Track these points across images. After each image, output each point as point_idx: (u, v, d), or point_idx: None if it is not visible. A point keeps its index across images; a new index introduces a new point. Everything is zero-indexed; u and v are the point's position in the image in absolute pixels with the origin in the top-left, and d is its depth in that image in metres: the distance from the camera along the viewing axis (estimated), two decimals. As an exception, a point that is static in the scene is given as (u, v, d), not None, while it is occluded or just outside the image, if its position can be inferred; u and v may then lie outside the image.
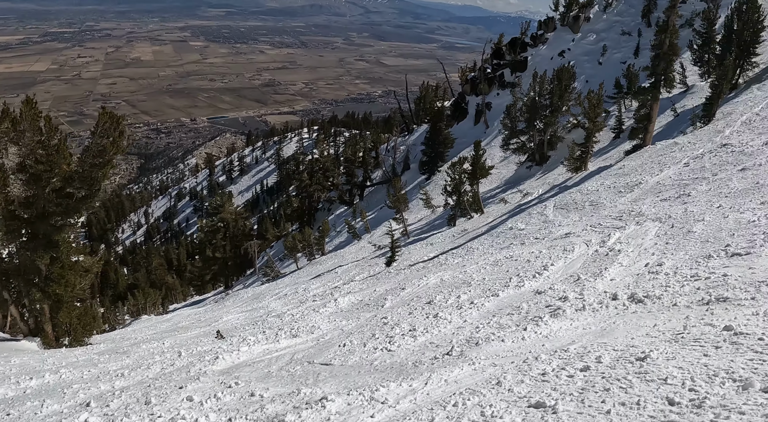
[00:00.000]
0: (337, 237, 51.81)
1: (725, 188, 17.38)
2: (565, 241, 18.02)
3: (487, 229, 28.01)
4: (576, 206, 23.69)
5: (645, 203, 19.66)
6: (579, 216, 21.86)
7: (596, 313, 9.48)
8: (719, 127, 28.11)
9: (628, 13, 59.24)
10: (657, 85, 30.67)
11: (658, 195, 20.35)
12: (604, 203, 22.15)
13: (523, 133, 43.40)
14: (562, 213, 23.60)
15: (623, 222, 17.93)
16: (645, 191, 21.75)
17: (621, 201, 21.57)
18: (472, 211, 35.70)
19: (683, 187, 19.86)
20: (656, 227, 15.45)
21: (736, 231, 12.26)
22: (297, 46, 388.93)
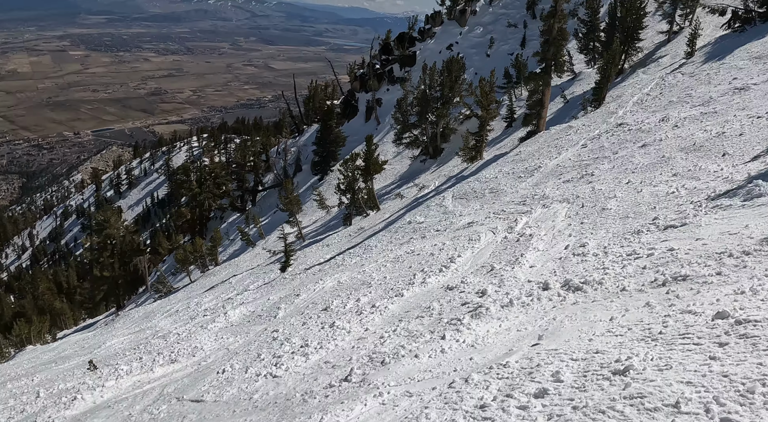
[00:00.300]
0: (231, 245, 49.32)
1: (629, 164, 16.46)
2: (469, 231, 16.58)
3: (385, 226, 26.43)
4: (476, 195, 22.42)
5: (548, 186, 18.59)
6: (480, 205, 20.57)
7: (528, 308, 7.95)
8: (611, 109, 27.72)
9: (514, 6, 59.54)
10: (548, 69, 30.04)
11: (559, 177, 19.33)
12: (505, 189, 20.97)
13: (415, 126, 42.21)
14: (461, 203, 22.28)
15: (528, 206, 16.72)
16: (545, 174, 20.72)
17: (522, 186, 20.45)
18: (367, 209, 34.16)
19: (585, 168, 18.92)
20: (565, 208, 14.23)
21: (656, 204, 11.14)
22: (183, 53, 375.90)
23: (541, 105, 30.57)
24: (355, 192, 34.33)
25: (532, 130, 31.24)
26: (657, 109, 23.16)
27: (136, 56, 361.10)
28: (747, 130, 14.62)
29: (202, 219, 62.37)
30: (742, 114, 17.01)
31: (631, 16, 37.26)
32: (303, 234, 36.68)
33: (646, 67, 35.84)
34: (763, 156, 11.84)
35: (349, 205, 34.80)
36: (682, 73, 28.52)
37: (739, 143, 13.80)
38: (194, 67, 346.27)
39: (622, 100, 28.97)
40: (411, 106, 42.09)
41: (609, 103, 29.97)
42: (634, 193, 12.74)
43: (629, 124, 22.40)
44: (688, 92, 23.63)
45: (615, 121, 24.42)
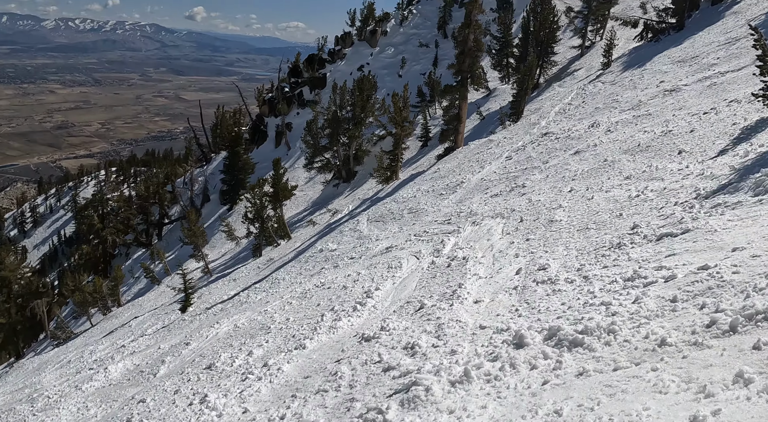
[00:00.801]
0: (136, 283, 45.27)
1: (566, 172, 14.32)
2: (388, 257, 14.03)
3: (295, 255, 23.68)
4: (393, 216, 19.95)
5: (474, 202, 16.29)
6: (399, 227, 18.09)
7: (499, 388, 4.85)
8: (533, 120, 25.98)
9: (425, 26, 58.30)
10: (464, 82, 28.08)
11: (486, 191, 17.09)
12: (426, 208, 18.56)
13: (326, 149, 39.62)
14: (378, 226, 19.77)
15: (454, 225, 14.32)
16: (470, 190, 18.47)
17: (444, 203, 18.09)
18: (278, 238, 31.27)
19: (514, 180, 16.74)
20: (500, 224, 11.87)
21: (621, 210, 8.88)
22: (90, 84, 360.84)
23: (458, 120, 28.54)
24: (264, 220, 31.49)
25: (450, 147, 29.17)
26: (583, 117, 21.41)
27: (41, 88, 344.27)
28: (698, 126, 12.73)
29: (105, 256, 57.82)
30: (682, 113, 15.27)
31: (544, 30, 36.11)
32: (210, 268, 33.27)
33: (562, 81, 34.75)
34: (731, 149, 9.79)
35: (258, 235, 31.83)
36: (603, 82, 27.24)
37: (693, 139, 11.84)
38: (102, 99, 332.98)
39: (543, 112, 27.32)
40: (321, 129, 39.50)
41: (528, 116, 28.32)
42: (585, 201, 10.50)
43: (555, 133, 20.50)
44: (614, 98, 22.00)
45: (539, 131, 22.55)
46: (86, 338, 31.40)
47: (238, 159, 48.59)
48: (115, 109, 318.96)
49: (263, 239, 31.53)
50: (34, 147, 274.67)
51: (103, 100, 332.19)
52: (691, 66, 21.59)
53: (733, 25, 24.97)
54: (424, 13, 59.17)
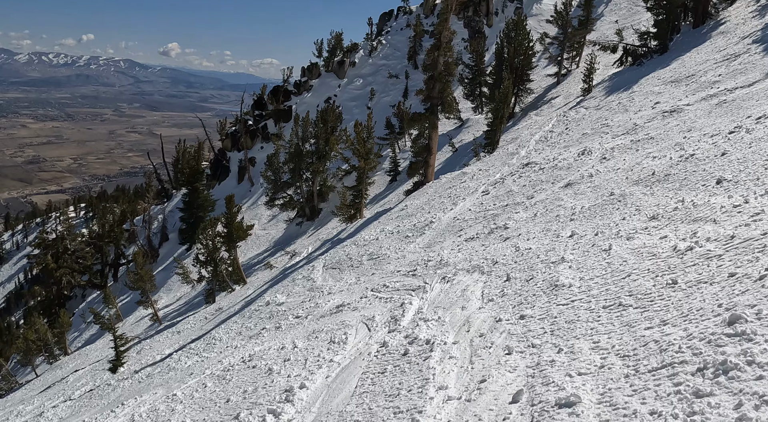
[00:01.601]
0: (88, 329, 41.51)
1: (559, 210, 11.20)
2: (336, 321, 10.76)
3: (243, 306, 20.44)
4: (351, 263, 16.69)
5: (445, 247, 13.13)
6: (356, 277, 14.85)
7: None
8: (510, 150, 23.04)
9: (394, 57, 55.78)
10: (434, 109, 25.09)
11: (459, 234, 13.95)
12: (388, 254, 15.33)
13: (289, 185, 36.31)
14: (333, 275, 16.51)
15: (420, 278, 11.11)
16: (440, 231, 15.28)
17: (410, 248, 14.88)
18: (233, 283, 27.89)
19: (493, 219, 13.58)
20: (479, 283, 8.67)
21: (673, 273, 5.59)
22: (63, 119, 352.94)
23: (428, 151, 25.48)
24: (217, 263, 28.10)
25: (419, 181, 26.09)
26: (569, 144, 18.45)
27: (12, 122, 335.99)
28: (730, 148, 9.68)
29: (59, 298, 53.96)
30: (695, 134, 12.31)
31: (519, 56, 33.50)
32: (161, 315, 30.23)
33: (539, 109, 32.17)
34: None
35: (210, 280, 28.46)
36: (585, 108, 24.50)
37: (732, 164, 8.78)
38: (75, 134, 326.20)
39: (521, 141, 24.44)
40: (283, 163, 36.27)
41: (505, 146, 25.45)
42: (599, 254, 7.29)
43: (538, 163, 17.48)
44: (603, 122, 19.10)
45: (519, 161, 19.56)
46: (27, 391, 29.15)
47: (197, 196, 45.14)
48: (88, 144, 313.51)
49: (216, 283, 28.19)
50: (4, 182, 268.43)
51: (76, 135, 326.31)
52: (689, 85, 18.90)
53: (724, 43, 22.61)
54: (394, 44, 56.71)
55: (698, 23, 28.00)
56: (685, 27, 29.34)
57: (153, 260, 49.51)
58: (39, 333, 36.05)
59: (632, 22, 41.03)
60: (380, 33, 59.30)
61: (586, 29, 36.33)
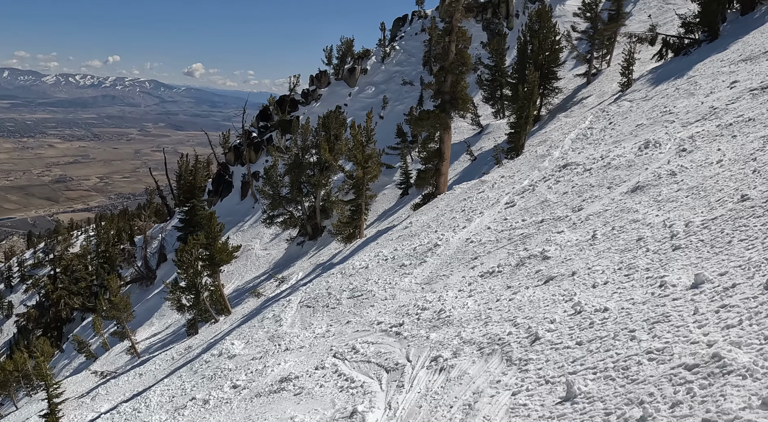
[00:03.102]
0: (78, 357, 37.69)
1: (641, 229, 6.68)
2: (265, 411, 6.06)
3: (202, 351, 16.25)
4: (328, 301, 12.16)
5: (450, 286, 8.73)
6: (327, 324, 10.46)
7: None
8: (540, 152, 18.46)
9: (408, 63, 51.39)
10: (445, 107, 20.54)
11: (472, 265, 9.50)
12: (374, 292, 10.81)
13: (288, 201, 31.75)
14: (304, 318, 12.10)
15: (404, 343, 6.68)
16: (446, 260, 10.75)
17: (404, 284, 10.35)
18: (216, 312, 23.68)
19: (523, 242, 9.03)
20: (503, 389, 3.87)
21: None
22: (89, 139, 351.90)
23: (439, 157, 20.91)
24: (199, 290, 23.78)
25: (429, 193, 21.54)
26: (620, 138, 13.77)
27: (40, 142, 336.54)
28: None
29: (57, 321, 50.31)
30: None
31: (544, 53, 28.87)
32: (143, 347, 26.92)
33: (569, 111, 27.61)
34: None
35: (191, 308, 24.22)
36: (630, 100, 19.94)
37: None
38: (101, 154, 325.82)
39: (552, 142, 19.83)
40: (281, 176, 31.78)
41: (532, 149, 20.80)
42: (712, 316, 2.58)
43: (581, 163, 12.83)
44: (662, 110, 14.43)
45: (553, 163, 14.91)
46: (3, 425, 26.69)
47: (195, 213, 40.80)
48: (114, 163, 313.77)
49: (197, 313, 23.96)
50: (32, 200, 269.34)
51: (102, 155, 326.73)
52: (775, 61, 14.12)
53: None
54: (408, 49, 52.36)
55: (747, 10, 23.74)
56: (731, 15, 25.08)
57: (150, 282, 45.46)
58: (17, 363, 32.24)
59: (663, 20, 36.20)
60: (393, 39, 55.04)
61: (617, 23, 31.60)
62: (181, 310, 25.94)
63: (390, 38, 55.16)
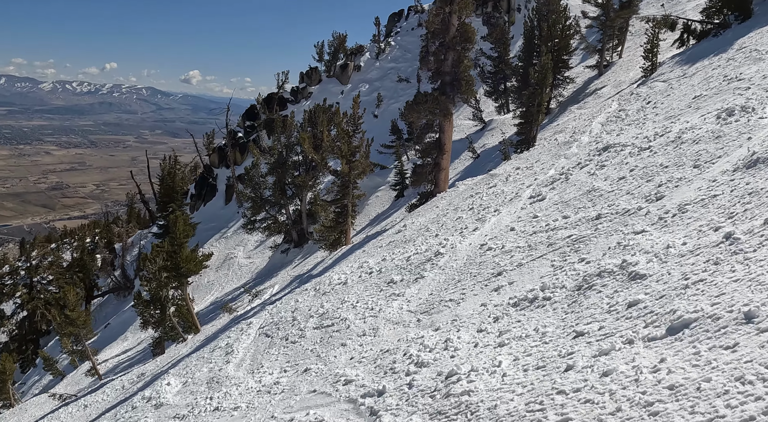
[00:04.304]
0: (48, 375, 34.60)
1: None
2: None
3: (145, 384, 12.74)
4: (290, 330, 8.87)
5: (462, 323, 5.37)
6: (279, 370, 7.18)
7: None
8: (562, 140, 15.20)
9: (404, 59, 48.19)
10: (445, 89, 17.28)
11: (494, 285, 6.16)
12: (348, 320, 7.57)
13: (272, 203, 28.36)
14: (258, 352, 8.86)
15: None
16: (454, 275, 7.43)
17: (391, 312, 7.04)
18: (184, 331, 20.52)
19: (575, 248, 5.69)
20: None
21: None
22: (86, 146, 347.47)
23: (438, 149, 17.62)
24: (165, 305, 20.57)
25: (427, 192, 18.24)
26: (675, 113, 10.58)
27: (37, 149, 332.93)
28: None
29: (34, 332, 47.23)
30: None
31: (553, 39, 25.68)
32: (117, 362, 24.59)
33: (582, 102, 24.44)
34: None
35: (157, 324, 21.02)
36: (664, 81, 16.75)
37: None
38: (98, 161, 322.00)
39: (574, 130, 16.52)
40: (264, 176, 28.42)
41: (550, 139, 17.55)
42: None
43: (630, 144, 9.67)
44: (724, 80, 11.16)
45: (585, 149, 11.61)
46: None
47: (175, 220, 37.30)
48: (110, 170, 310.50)
49: (164, 331, 20.76)
50: (28, 208, 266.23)
51: (99, 162, 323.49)
52: None
53: None
54: (404, 45, 49.19)
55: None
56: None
57: (128, 292, 42.23)
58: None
59: (676, 11, 33.05)
60: (389, 34, 51.89)
61: (630, 10, 28.42)
62: (146, 327, 22.47)
63: (385, 34, 52.03)
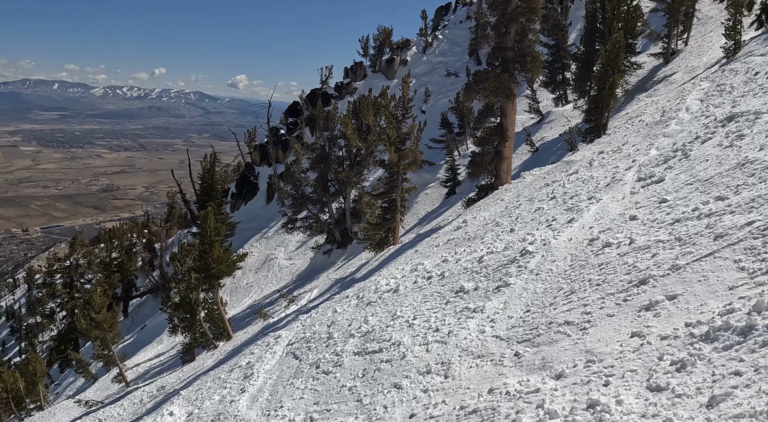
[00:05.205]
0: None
1: None
2: None
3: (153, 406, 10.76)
4: (323, 354, 6.60)
5: (610, 372, 2.86)
6: (303, 414, 4.38)
7: None
8: (651, 120, 12.71)
9: (453, 52, 45.93)
10: (508, 66, 14.97)
11: (627, 302, 3.51)
12: (403, 345, 5.10)
13: (313, 201, 26.32)
14: (281, 382, 6.42)
15: None
16: (558, 281, 5.02)
17: (465, 337, 4.69)
18: (215, 337, 18.76)
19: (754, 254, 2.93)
20: None
21: None
22: (136, 149, 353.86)
23: (500, 135, 15.29)
24: (194, 308, 18.78)
25: (487, 185, 15.92)
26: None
27: (88, 152, 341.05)
28: None
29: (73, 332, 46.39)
30: None
31: (617, 22, 23.03)
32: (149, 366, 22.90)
33: (651, 90, 21.82)
34: None
35: (186, 329, 19.27)
36: (762, 54, 14.25)
37: None
38: (147, 164, 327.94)
39: (663, 110, 14.00)
40: (305, 172, 26.44)
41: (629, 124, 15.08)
42: None
43: (764, 111, 6.99)
44: None
45: (696, 123, 9.19)
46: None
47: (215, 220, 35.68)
48: (159, 173, 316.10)
49: (194, 337, 18.93)
50: (80, 209, 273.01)
51: (148, 165, 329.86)
52: None
53: None
54: (452, 38, 46.91)
55: None
56: None
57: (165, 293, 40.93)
58: (6, 383, 27.73)
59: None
60: (436, 28, 49.70)
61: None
62: (175, 332, 20.59)
63: (432, 27, 49.84)
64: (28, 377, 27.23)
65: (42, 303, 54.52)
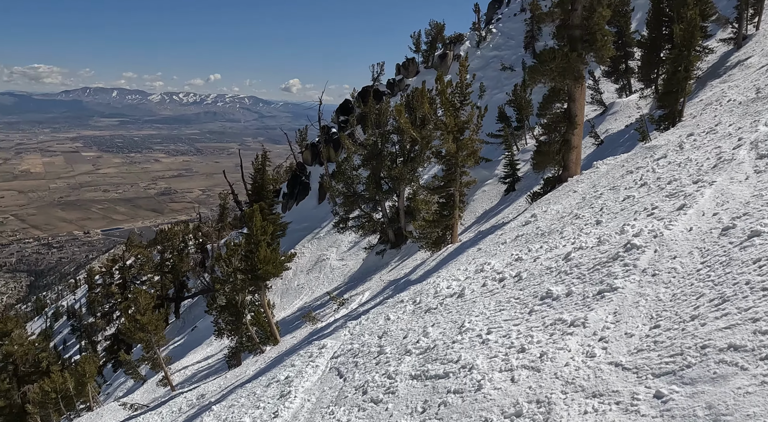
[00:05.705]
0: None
1: None
2: None
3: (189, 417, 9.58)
4: (372, 375, 5.26)
5: None
6: None
7: None
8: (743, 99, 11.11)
9: (507, 46, 44.30)
10: (575, 45, 13.50)
11: None
12: (476, 368, 3.83)
13: (365, 199, 25.13)
14: (322, 406, 5.23)
15: None
16: (686, 290, 3.47)
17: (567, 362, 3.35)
18: (261, 341, 17.87)
19: None
20: None
21: None
22: (192, 153, 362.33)
23: (568, 121, 13.83)
24: (240, 311, 17.93)
25: (554, 177, 14.47)
26: None
27: (146, 157, 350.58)
28: None
29: None
30: None
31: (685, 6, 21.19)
32: (197, 369, 22.68)
33: (726, 75, 20.14)
34: None
35: (232, 333, 18.39)
36: None
37: None
38: (203, 167, 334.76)
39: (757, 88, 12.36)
40: (357, 169, 25.35)
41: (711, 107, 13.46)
42: None
43: None
44: None
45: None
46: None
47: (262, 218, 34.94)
48: (215, 176, 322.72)
49: (241, 340, 18.03)
50: (139, 212, 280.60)
51: (204, 169, 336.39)
52: None
53: None
54: (506, 32, 45.27)
55: None
56: None
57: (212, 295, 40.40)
58: (56, 383, 27.55)
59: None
60: (489, 22, 48.12)
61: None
62: (220, 335, 19.69)
63: (485, 21, 48.29)
64: (77, 377, 26.91)
65: (99, 304, 54.93)
